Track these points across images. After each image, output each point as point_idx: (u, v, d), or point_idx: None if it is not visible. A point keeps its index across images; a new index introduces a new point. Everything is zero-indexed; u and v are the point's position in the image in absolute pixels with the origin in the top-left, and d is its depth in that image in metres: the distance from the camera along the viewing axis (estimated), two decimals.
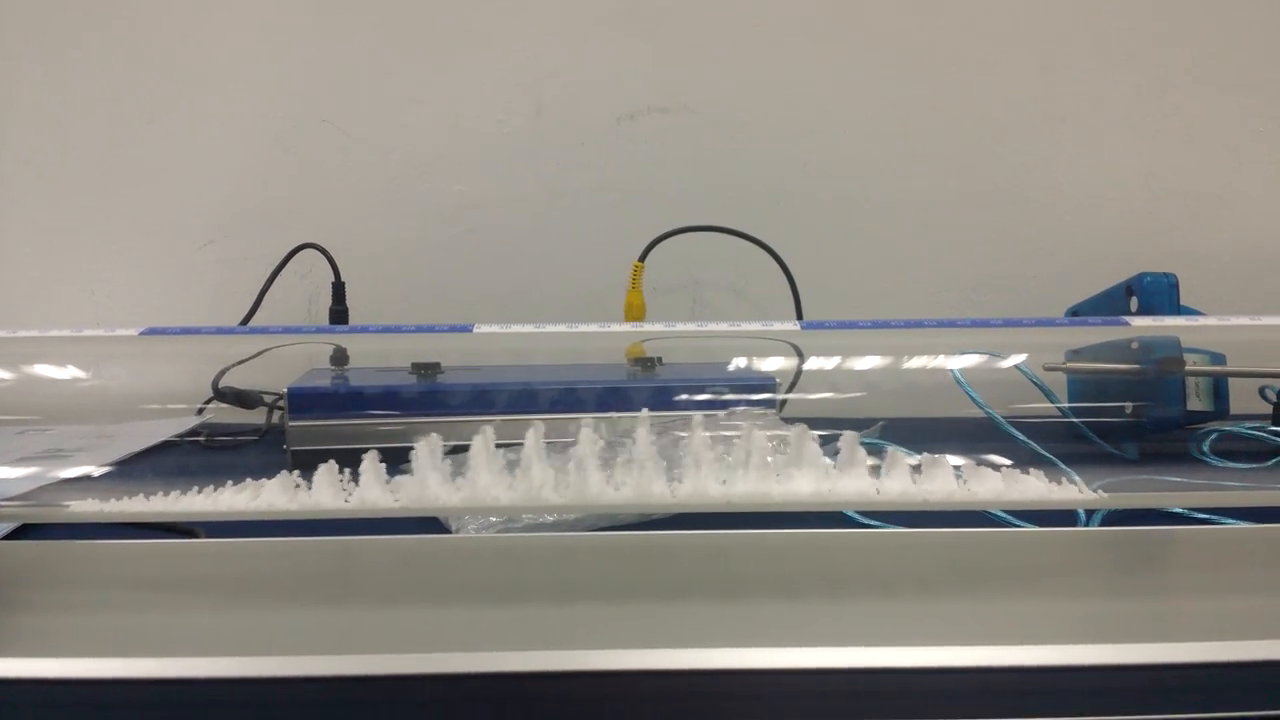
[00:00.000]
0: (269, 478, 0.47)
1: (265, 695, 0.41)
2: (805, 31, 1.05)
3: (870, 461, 0.47)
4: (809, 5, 1.04)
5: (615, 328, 0.53)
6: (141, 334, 0.51)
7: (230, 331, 0.53)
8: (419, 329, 0.51)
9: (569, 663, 0.42)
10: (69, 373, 0.52)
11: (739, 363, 0.54)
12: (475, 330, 0.48)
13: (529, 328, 0.49)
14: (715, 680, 0.41)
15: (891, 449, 0.48)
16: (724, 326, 0.51)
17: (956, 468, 0.47)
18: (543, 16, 1.05)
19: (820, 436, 0.47)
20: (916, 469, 0.47)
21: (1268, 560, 0.55)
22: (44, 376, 0.52)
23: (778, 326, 0.51)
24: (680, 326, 0.52)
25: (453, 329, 0.50)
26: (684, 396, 0.52)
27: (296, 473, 0.46)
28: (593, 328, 0.50)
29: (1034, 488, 0.46)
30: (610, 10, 1.04)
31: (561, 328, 0.49)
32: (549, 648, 0.42)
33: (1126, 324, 0.51)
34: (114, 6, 1.05)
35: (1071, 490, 0.46)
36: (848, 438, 0.47)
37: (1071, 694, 0.41)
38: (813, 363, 0.52)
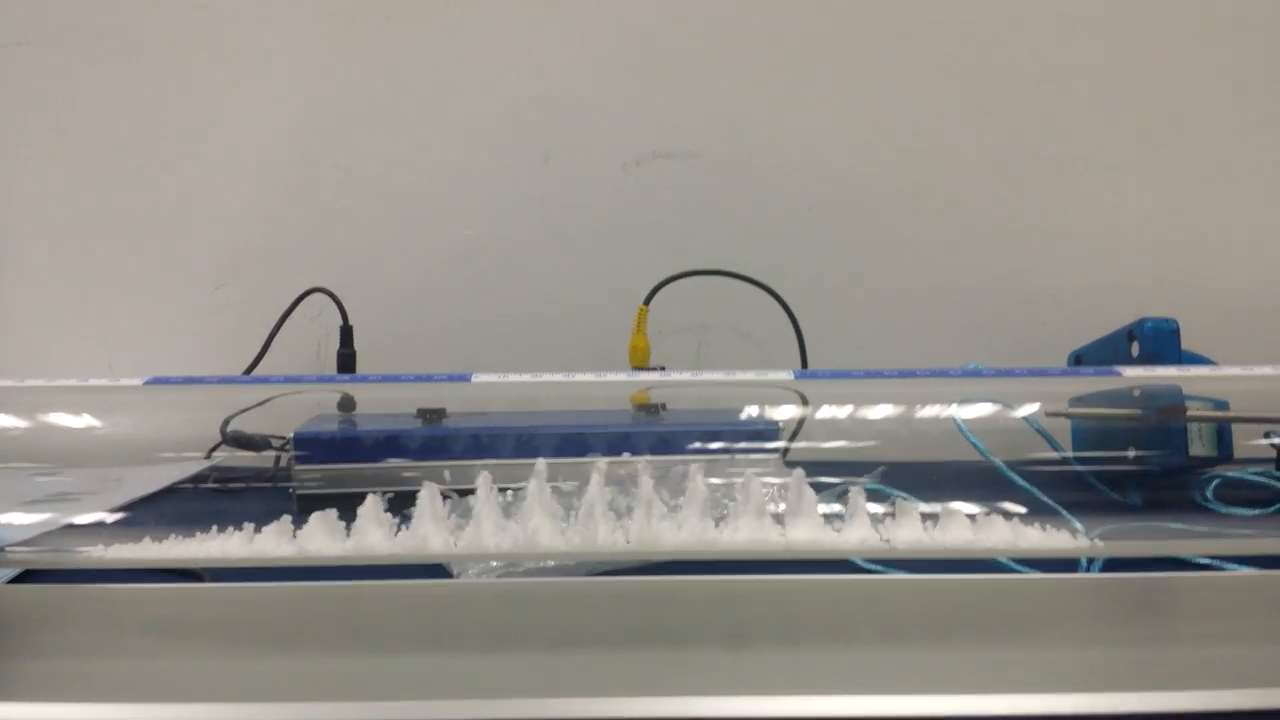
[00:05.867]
0: (272, 523, 0.47)
1: None
2: (809, 77, 1.06)
3: (873, 509, 0.47)
4: (813, 51, 1.06)
5: (610, 376, 0.54)
6: (146, 383, 0.51)
7: (231, 381, 0.54)
8: (418, 378, 0.51)
9: (572, 711, 0.42)
10: (76, 421, 0.53)
11: (741, 410, 0.54)
12: (473, 380, 0.49)
13: (526, 377, 0.49)
14: None
15: (893, 495, 0.48)
16: (719, 375, 0.52)
17: (963, 515, 0.47)
18: (550, 64, 1.06)
19: (819, 483, 0.48)
20: (919, 516, 0.47)
21: (1270, 606, 0.54)
22: (52, 424, 0.53)
23: (772, 375, 0.51)
24: (675, 376, 0.52)
25: (450, 378, 0.50)
26: (687, 443, 0.52)
27: (288, 517, 0.47)
28: (588, 377, 0.51)
29: (1030, 536, 0.46)
30: (617, 57, 1.06)
31: (558, 376, 0.49)
32: (550, 695, 0.42)
33: (1118, 374, 0.51)
34: (126, 53, 1.07)
35: (1068, 538, 0.46)
36: (853, 489, 0.47)
37: None
38: (813, 411, 0.52)
